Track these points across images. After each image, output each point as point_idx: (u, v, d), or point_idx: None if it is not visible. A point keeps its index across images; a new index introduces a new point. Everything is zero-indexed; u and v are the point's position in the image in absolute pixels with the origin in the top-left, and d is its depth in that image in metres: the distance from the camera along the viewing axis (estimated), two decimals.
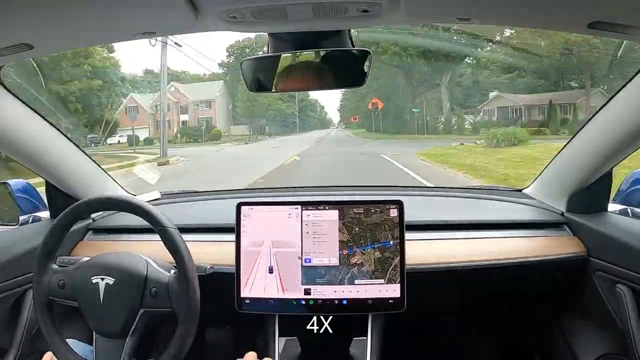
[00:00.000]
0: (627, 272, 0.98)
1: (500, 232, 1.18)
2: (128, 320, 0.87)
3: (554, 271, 1.14)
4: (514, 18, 0.76)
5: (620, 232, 1.04)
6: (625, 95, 0.92)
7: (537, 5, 0.67)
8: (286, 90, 0.91)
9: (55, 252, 0.93)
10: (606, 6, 0.63)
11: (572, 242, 1.14)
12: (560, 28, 0.80)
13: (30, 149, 1.09)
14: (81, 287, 0.88)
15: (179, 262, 0.87)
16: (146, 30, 0.76)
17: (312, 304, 1.00)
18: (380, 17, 0.72)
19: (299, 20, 0.73)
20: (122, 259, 0.91)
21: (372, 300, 0.99)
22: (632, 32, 0.69)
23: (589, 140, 1.06)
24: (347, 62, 0.87)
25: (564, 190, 1.19)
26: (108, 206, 1.01)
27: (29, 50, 0.76)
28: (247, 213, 1.02)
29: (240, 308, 1.01)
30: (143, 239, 1.20)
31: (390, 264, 0.99)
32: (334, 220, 1.01)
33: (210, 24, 0.73)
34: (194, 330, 0.86)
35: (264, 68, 0.90)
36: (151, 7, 0.67)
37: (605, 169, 1.07)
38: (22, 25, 0.68)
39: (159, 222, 0.87)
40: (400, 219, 1.00)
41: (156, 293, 0.87)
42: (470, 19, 0.74)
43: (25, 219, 1.27)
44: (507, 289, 1.21)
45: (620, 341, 1.02)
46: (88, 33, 0.77)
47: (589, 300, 1.12)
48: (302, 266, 1.00)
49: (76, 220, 0.94)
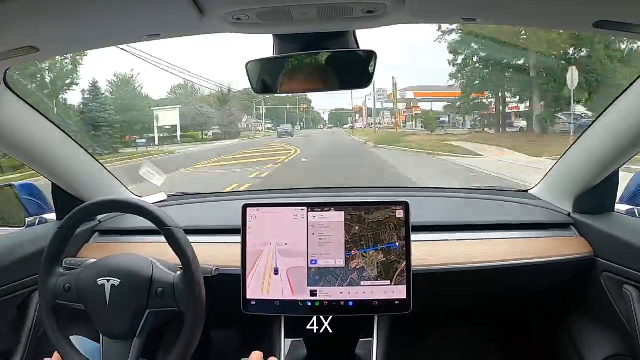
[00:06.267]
0: (635, 272, 0.97)
1: (507, 233, 1.17)
2: (135, 321, 0.87)
3: (560, 272, 1.13)
4: (519, 17, 0.76)
5: (627, 232, 1.03)
6: (631, 95, 0.92)
7: (542, 4, 0.66)
8: (291, 92, 0.91)
9: (62, 254, 0.93)
10: (612, 5, 0.63)
11: (578, 242, 1.13)
12: (566, 27, 0.79)
13: (36, 151, 1.09)
14: (87, 289, 0.88)
15: (184, 261, 0.87)
16: (151, 32, 0.76)
17: (318, 305, 1.00)
18: (385, 17, 0.72)
19: (304, 22, 0.73)
20: (127, 260, 0.91)
21: (378, 302, 0.99)
22: (638, 30, 0.68)
23: (596, 141, 1.05)
24: (353, 63, 0.87)
25: (571, 190, 1.18)
26: (114, 208, 1.02)
27: (35, 52, 0.76)
28: (253, 215, 1.02)
29: (246, 309, 1.01)
30: (149, 240, 1.21)
31: (396, 265, 0.99)
32: (340, 221, 1.01)
33: (215, 26, 0.73)
34: (200, 329, 0.86)
35: (269, 69, 0.91)
36: (156, 9, 0.67)
37: (611, 170, 1.07)
38: (28, 28, 0.68)
39: (163, 222, 0.88)
40: (406, 220, 1.00)
41: (162, 293, 0.87)
42: (475, 18, 0.74)
43: (31, 221, 1.27)
44: (514, 290, 1.20)
45: (627, 342, 1.01)
46: (94, 35, 0.78)
47: (596, 302, 1.12)
48: (308, 268, 1.00)
49: (82, 222, 0.94)
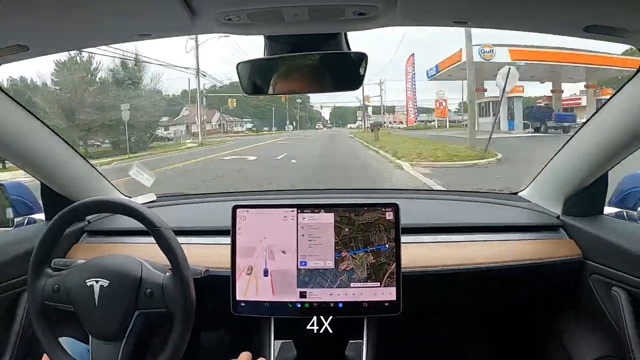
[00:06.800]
0: (623, 275, 0.98)
1: (496, 235, 1.18)
2: (124, 322, 0.87)
3: (549, 274, 1.14)
4: (510, 21, 0.76)
5: (616, 235, 1.04)
6: (620, 98, 0.93)
7: (533, 8, 0.67)
8: (282, 93, 0.91)
9: (50, 255, 0.92)
10: (602, 10, 0.64)
11: (568, 245, 1.14)
12: (557, 32, 0.80)
13: (25, 151, 1.08)
14: (76, 290, 0.88)
15: (173, 261, 0.87)
16: (142, 32, 0.76)
17: (308, 306, 1.00)
18: (376, 20, 0.72)
19: (295, 23, 0.73)
20: (116, 261, 0.91)
21: (368, 304, 0.99)
22: (628, 35, 0.69)
23: (585, 144, 1.06)
24: (343, 65, 0.87)
25: (560, 193, 1.19)
26: (102, 208, 1.02)
27: (24, 51, 0.76)
28: (243, 216, 1.02)
29: (235, 311, 1.01)
30: (138, 241, 1.20)
31: (386, 266, 0.99)
32: (330, 223, 1.01)
33: (206, 27, 0.73)
34: (189, 330, 0.86)
35: (260, 70, 0.90)
36: (147, 9, 0.67)
37: (600, 172, 1.08)
38: (18, 26, 0.68)
39: (152, 223, 0.87)
40: (396, 221, 1.00)
41: (151, 294, 0.87)
42: (466, 22, 0.74)
43: (19, 221, 1.26)
44: (503, 292, 1.21)
45: (615, 344, 1.02)
46: (84, 35, 0.77)
47: (585, 303, 1.13)
48: (298, 269, 1.00)
49: (71, 222, 0.94)
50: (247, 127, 25.04)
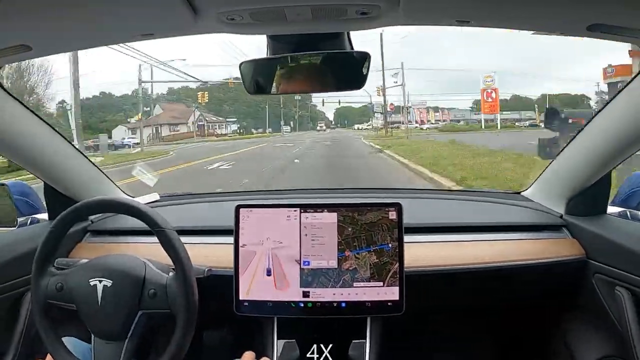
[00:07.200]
0: (626, 274, 0.98)
1: (500, 234, 1.18)
2: (126, 322, 0.87)
3: (553, 274, 1.13)
4: (513, 20, 0.76)
5: (619, 234, 1.03)
6: (623, 98, 0.92)
7: (536, 7, 0.67)
8: (285, 93, 0.91)
9: (54, 254, 0.93)
10: (605, 9, 0.63)
11: (571, 244, 1.14)
12: (560, 31, 0.80)
13: (28, 151, 1.08)
14: (79, 289, 0.88)
15: (176, 262, 0.87)
16: (145, 32, 0.76)
17: (311, 306, 1.00)
18: (378, 19, 0.72)
19: (298, 23, 0.73)
20: (119, 260, 0.91)
21: (371, 303, 0.99)
22: (632, 34, 0.69)
23: (588, 143, 1.06)
24: (346, 64, 0.87)
25: (563, 192, 1.19)
26: (106, 208, 1.02)
27: (27, 51, 0.76)
28: (246, 215, 1.02)
29: (238, 310, 1.01)
30: (141, 241, 1.20)
31: (389, 266, 0.99)
32: (333, 222, 1.01)
33: (208, 26, 0.73)
34: (192, 331, 0.86)
35: (263, 70, 0.90)
36: (149, 8, 0.67)
37: (604, 172, 1.07)
38: (21, 26, 0.68)
39: (156, 224, 0.87)
40: (399, 221, 1.00)
41: (154, 294, 0.87)
42: (469, 21, 0.74)
43: (23, 221, 1.27)
44: (506, 292, 1.20)
45: (619, 343, 1.02)
46: (87, 35, 0.77)
47: (588, 303, 1.12)
48: (301, 269, 1.00)
49: (74, 222, 0.94)
50: (233, 129, 20.37)
